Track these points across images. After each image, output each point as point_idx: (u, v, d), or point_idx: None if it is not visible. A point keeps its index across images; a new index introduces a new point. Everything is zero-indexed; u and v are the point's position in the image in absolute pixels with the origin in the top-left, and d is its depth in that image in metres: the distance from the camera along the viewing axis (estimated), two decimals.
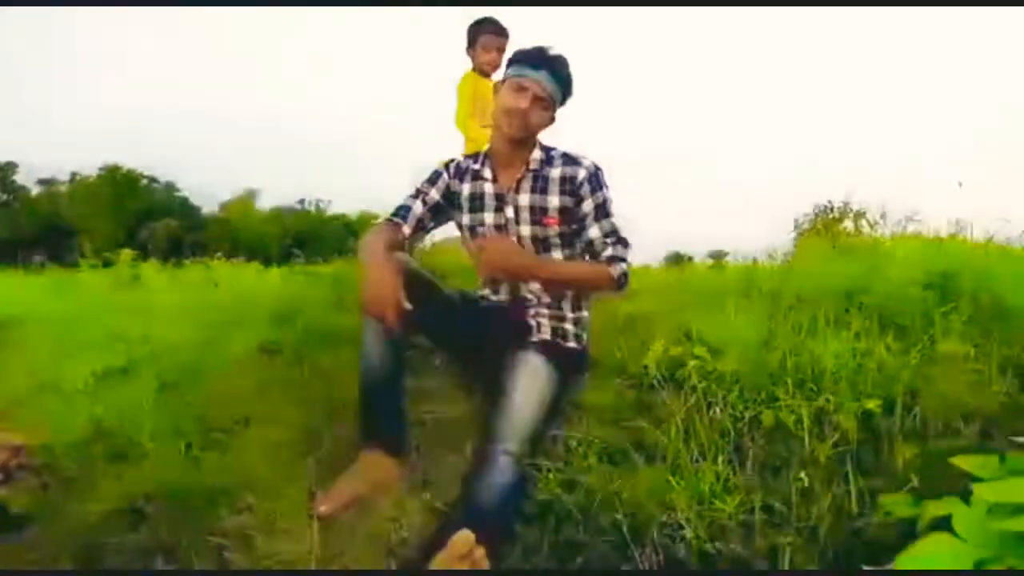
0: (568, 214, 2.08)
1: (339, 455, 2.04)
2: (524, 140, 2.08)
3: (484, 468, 1.67)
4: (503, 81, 2.07)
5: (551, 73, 2.01)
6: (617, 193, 2.06)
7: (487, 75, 3.79)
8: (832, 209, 4.64)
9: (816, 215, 4.83)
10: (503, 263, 1.96)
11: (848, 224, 4.35)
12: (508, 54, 3.77)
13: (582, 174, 2.07)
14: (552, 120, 2.11)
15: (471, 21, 3.82)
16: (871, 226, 4.04)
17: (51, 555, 1.67)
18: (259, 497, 1.81)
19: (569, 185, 2.07)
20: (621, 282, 2.02)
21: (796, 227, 5.02)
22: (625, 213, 2.07)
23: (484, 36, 3.72)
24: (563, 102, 2.11)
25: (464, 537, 1.37)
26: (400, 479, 1.88)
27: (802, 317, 2.23)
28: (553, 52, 2.05)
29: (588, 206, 2.05)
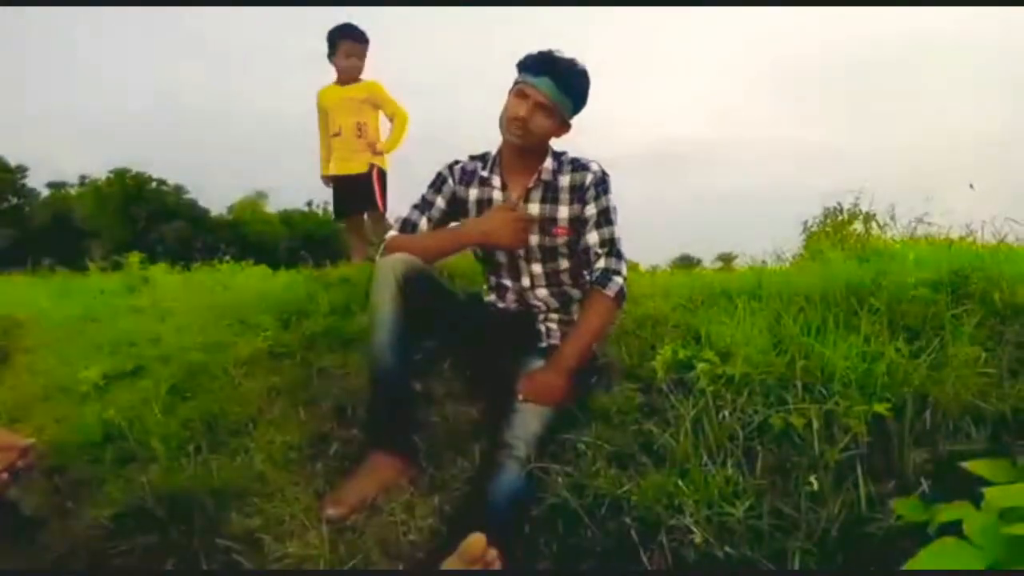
0: (577, 222, 2.08)
1: (347, 458, 2.05)
2: (531, 148, 2.06)
3: (493, 472, 1.68)
4: (513, 87, 2.04)
5: (554, 80, 1.96)
6: (627, 196, 2.04)
7: (344, 83, 4.08)
8: (841, 211, 4.61)
9: (825, 217, 4.80)
10: (552, 399, 1.88)
11: (858, 226, 4.32)
12: (368, 59, 4.08)
13: (589, 179, 2.06)
14: (563, 127, 2.07)
15: (334, 26, 4.04)
16: (880, 228, 4.01)
17: (62, 557, 1.68)
18: (268, 499, 1.82)
19: (577, 192, 2.07)
20: (619, 300, 2.02)
21: (805, 229, 4.99)
22: (635, 216, 2.06)
23: (345, 42, 3.97)
24: (575, 109, 2.06)
25: (476, 540, 1.36)
26: (408, 482, 1.88)
27: (811, 320, 2.22)
28: (560, 57, 2.00)
29: (591, 211, 2.05)
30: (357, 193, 4.16)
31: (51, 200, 41.23)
